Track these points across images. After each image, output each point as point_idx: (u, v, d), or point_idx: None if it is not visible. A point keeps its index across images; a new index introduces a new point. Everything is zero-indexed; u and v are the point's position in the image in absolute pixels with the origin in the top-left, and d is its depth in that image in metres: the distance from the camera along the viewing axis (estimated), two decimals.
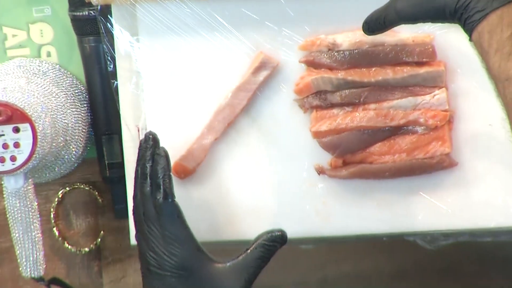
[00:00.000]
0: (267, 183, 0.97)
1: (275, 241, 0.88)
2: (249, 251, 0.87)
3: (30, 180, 0.96)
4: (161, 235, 0.86)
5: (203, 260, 0.87)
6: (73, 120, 1.02)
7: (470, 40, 0.78)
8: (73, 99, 1.04)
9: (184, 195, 0.93)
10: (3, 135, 0.91)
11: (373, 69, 0.93)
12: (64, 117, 1.00)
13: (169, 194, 0.87)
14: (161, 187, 0.87)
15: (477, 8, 0.76)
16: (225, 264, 0.87)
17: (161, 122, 0.98)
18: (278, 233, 0.88)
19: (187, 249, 0.86)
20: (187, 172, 0.97)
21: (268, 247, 0.87)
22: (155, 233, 0.86)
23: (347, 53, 0.93)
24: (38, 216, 0.98)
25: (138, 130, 0.99)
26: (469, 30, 0.78)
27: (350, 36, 0.93)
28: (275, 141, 0.96)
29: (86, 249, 1.13)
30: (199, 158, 0.97)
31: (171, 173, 0.88)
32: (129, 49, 0.97)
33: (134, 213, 0.89)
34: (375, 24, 0.85)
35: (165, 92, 0.97)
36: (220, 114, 0.96)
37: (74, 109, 1.03)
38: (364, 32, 0.86)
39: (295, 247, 1.05)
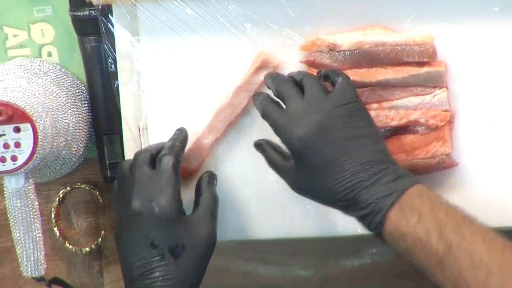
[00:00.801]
0: (267, 182, 0.97)
1: (212, 179, 0.93)
2: (201, 197, 0.90)
3: (31, 180, 0.96)
4: (149, 178, 0.86)
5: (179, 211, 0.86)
6: (74, 120, 1.02)
7: (384, 242, 0.79)
8: (74, 99, 1.04)
9: (185, 195, 0.93)
10: (4, 135, 0.91)
11: (374, 69, 0.92)
12: (65, 117, 1.00)
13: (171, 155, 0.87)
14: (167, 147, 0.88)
15: (375, 211, 0.78)
16: (190, 214, 0.88)
17: (162, 122, 0.97)
18: (206, 174, 0.93)
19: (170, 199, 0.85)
20: (189, 172, 0.97)
21: (210, 186, 0.92)
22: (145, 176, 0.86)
23: (348, 53, 0.92)
24: (39, 215, 0.98)
25: (139, 130, 0.99)
26: (378, 235, 0.79)
27: (351, 36, 0.93)
28: (275, 140, 0.96)
29: (87, 249, 1.13)
30: (200, 158, 0.97)
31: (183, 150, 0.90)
32: (130, 49, 0.97)
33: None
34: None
35: (166, 92, 0.97)
36: (221, 114, 0.96)
37: (75, 109, 1.03)
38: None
39: (295, 246, 1.05)
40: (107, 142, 1.05)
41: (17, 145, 0.91)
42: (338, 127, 0.81)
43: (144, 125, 0.98)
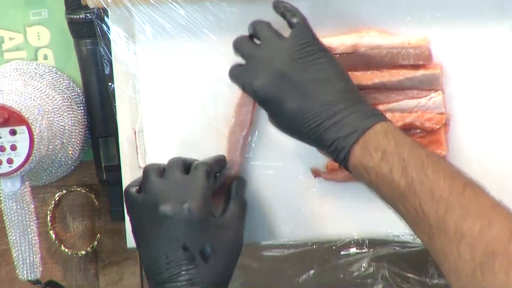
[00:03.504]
0: (263, 185, 0.97)
1: (242, 184, 0.94)
2: (231, 201, 0.90)
3: (27, 182, 0.96)
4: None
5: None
6: (70, 123, 1.02)
7: (351, 173, 0.81)
8: (70, 102, 1.04)
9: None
10: (0, 137, 0.91)
11: (369, 72, 0.92)
12: (61, 119, 1.00)
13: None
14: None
15: (338, 148, 0.80)
16: (220, 216, 0.88)
17: (158, 125, 0.97)
18: (236, 180, 0.94)
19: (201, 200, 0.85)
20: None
21: (240, 191, 0.93)
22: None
23: (344, 56, 0.92)
24: (35, 218, 0.98)
25: (135, 133, 0.98)
26: (344, 167, 0.81)
27: (346, 39, 0.92)
28: (271, 144, 0.96)
29: (83, 252, 1.13)
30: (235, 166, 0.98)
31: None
32: (126, 52, 0.97)
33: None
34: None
35: (162, 95, 0.97)
36: (234, 135, 0.96)
37: (70, 112, 1.03)
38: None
39: (291, 250, 1.05)
40: (103, 145, 1.05)
41: (13, 147, 0.91)
42: (296, 72, 0.82)
43: (140, 128, 0.98)
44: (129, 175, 0.99)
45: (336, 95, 0.81)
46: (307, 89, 0.81)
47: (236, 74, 0.88)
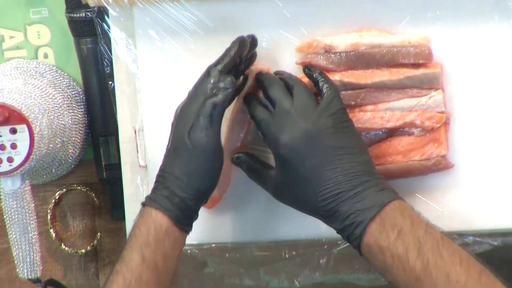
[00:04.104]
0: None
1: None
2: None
3: (27, 181, 0.96)
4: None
5: None
6: (70, 122, 1.02)
7: (361, 255, 0.79)
8: (70, 101, 1.04)
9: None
10: (0, 136, 0.91)
11: (370, 70, 0.92)
12: (61, 118, 1.00)
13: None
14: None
15: (355, 222, 0.78)
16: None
17: (158, 124, 0.97)
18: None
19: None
20: (214, 201, 0.96)
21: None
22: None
23: (344, 55, 0.92)
24: (35, 217, 0.98)
25: (135, 132, 0.98)
26: (356, 247, 0.79)
27: (347, 38, 0.92)
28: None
29: (83, 251, 1.13)
30: (224, 185, 0.96)
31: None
32: (126, 51, 0.97)
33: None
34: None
35: (162, 94, 0.97)
36: (233, 135, 0.95)
37: (71, 111, 1.03)
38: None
39: (292, 250, 1.05)
40: (103, 143, 1.05)
41: (13, 146, 0.91)
42: (325, 137, 0.82)
43: (140, 126, 0.98)
44: (129, 174, 0.99)
45: (359, 167, 0.81)
46: (332, 155, 0.81)
47: (260, 116, 0.87)
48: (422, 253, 0.74)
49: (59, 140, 0.99)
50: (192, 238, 0.90)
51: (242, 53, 0.87)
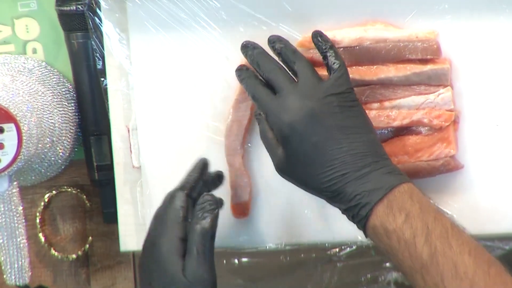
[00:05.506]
0: (263, 187, 0.97)
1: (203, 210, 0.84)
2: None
3: (15, 183, 0.96)
4: None
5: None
6: (60, 120, 1.02)
7: (366, 237, 0.80)
8: (60, 98, 1.04)
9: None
10: None
11: (375, 66, 0.92)
12: (51, 116, 1.00)
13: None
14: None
15: (361, 204, 0.78)
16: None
17: (152, 122, 0.97)
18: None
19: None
20: (246, 206, 0.97)
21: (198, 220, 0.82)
22: None
23: (348, 50, 0.91)
24: (23, 221, 0.98)
25: (128, 131, 0.98)
26: (361, 228, 0.79)
27: (351, 32, 0.92)
28: None
29: (74, 256, 1.13)
30: (247, 185, 0.96)
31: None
32: (119, 46, 0.97)
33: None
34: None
35: (156, 91, 0.97)
36: (231, 134, 0.95)
37: (61, 109, 1.02)
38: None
39: (294, 254, 1.04)
40: (94, 143, 1.05)
41: (1, 146, 0.91)
42: (330, 116, 0.81)
43: (134, 125, 0.98)
44: (122, 175, 1.00)
45: (367, 147, 0.80)
46: (338, 134, 0.80)
47: (263, 98, 0.85)
48: (430, 240, 0.74)
49: (48, 139, 0.99)
50: None
51: (204, 174, 0.88)
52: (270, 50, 0.88)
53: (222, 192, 0.96)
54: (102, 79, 0.98)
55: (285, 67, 0.86)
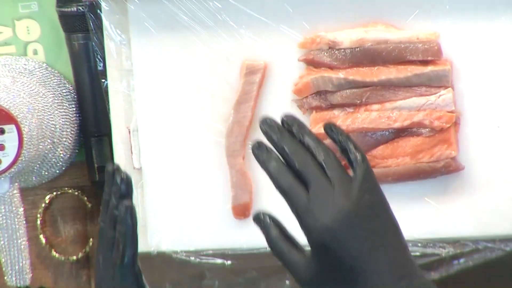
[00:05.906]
0: (263, 188, 0.96)
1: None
2: None
3: (15, 184, 0.97)
4: None
5: None
6: (61, 121, 1.02)
7: None
8: (61, 99, 1.03)
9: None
10: None
11: (376, 68, 0.92)
12: (52, 118, 1.00)
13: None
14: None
15: None
16: None
17: (153, 123, 0.97)
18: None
19: None
20: (247, 207, 0.96)
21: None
22: None
23: (349, 51, 0.92)
24: (24, 222, 0.99)
25: (129, 132, 0.98)
26: None
27: (352, 33, 0.92)
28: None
29: (75, 257, 1.12)
30: (248, 186, 0.96)
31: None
32: (120, 47, 0.97)
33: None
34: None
35: (157, 92, 0.96)
36: (232, 135, 0.95)
37: (62, 110, 1.02)
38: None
39: None
40: (95, 144, 1.04)
41: (1, 147, 0.91)
42: (367, 219, 0.68)
43: (135, 126, 0.98)
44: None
45: (404, 254, 0.69)
46: (376, 241, 0.67)
47: (294, 193, 0.70)
48: None
49: (49, 141, 0.99)
50: (188, 244, 0.91)
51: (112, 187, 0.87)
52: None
53: (223, 193, 0.96)
54: (103, 80, 0.98)
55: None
